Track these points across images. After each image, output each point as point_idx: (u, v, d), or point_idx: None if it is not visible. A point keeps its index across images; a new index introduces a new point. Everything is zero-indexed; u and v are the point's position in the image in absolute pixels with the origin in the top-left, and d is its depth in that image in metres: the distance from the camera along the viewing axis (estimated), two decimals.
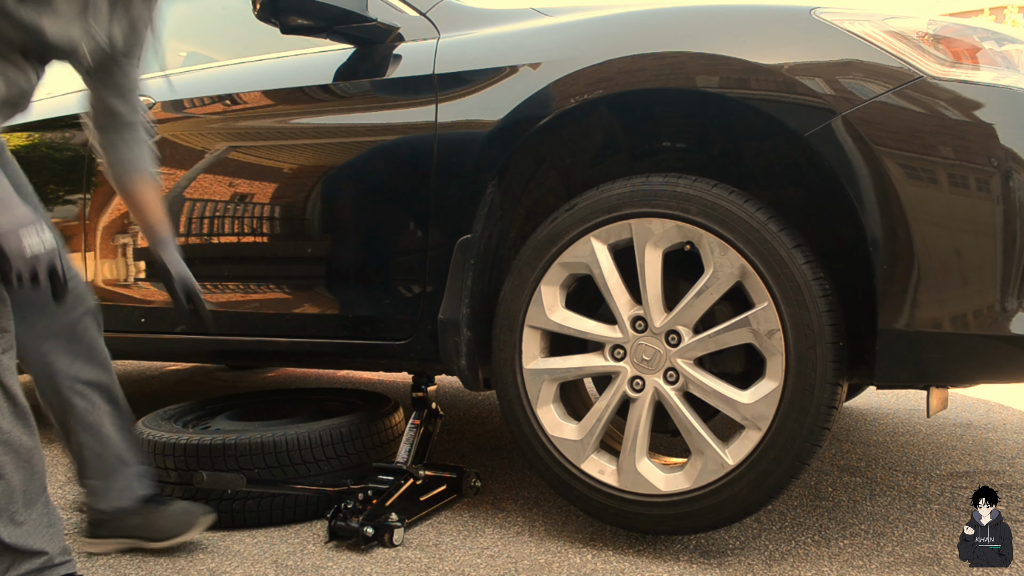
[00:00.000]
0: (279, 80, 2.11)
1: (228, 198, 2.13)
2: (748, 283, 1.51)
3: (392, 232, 1.89)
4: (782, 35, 1.49)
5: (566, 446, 1.67)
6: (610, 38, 1.62)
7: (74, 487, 1.85)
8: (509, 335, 1.71)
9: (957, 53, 1.42)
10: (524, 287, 1.69)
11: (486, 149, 1.73)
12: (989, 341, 1.36)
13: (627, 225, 1.60)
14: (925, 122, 1.38)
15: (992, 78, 1.39)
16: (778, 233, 1.48)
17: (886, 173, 1.38)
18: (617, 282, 1.63)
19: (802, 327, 1.45)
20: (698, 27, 1.56)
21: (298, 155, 2.04)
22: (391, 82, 1.89)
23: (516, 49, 1.75)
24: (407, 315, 1.86)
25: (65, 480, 2.22)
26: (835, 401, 1.47)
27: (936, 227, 1.37)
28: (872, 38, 1.43)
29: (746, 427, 1.52)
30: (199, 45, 2.84)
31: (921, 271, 1.37)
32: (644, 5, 1.71)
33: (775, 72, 1.45)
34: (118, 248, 2.40)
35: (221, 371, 4.45)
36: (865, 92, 1.41)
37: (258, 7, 1.80)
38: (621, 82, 1.58)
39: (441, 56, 1.83)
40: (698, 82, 1.51)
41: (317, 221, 2.02)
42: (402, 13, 1.97)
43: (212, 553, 1.70)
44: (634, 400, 1.62)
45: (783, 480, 1.50)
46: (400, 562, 1.62)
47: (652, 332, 1.60)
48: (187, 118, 2.27)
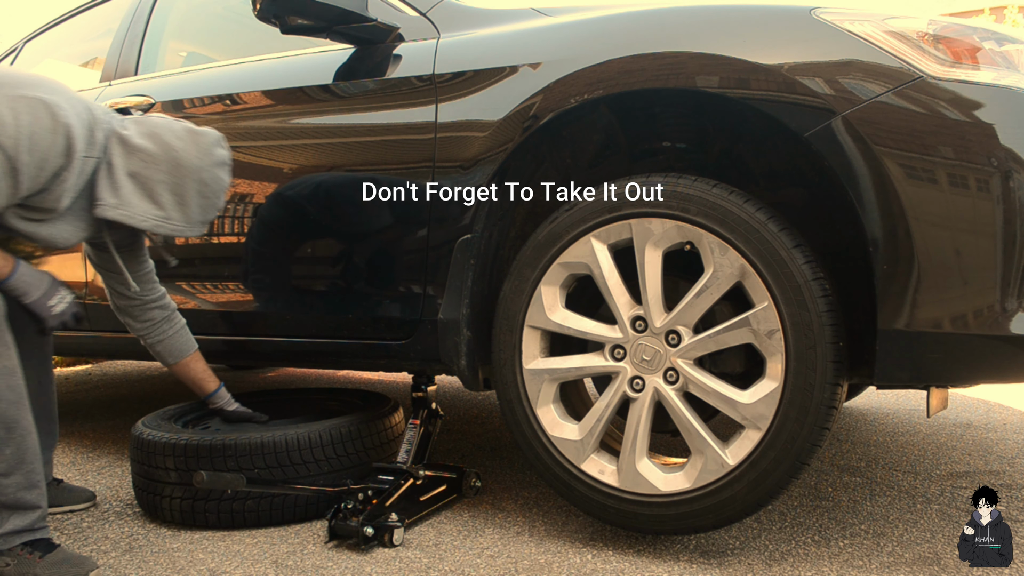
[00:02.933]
0: (279, 80, 2.11)
1: (228, 198, 2.13)
2: (748, 283, 1.51)
3: (392, 232, 1.88)
4: (782, 35, 1.49)
5: (566, 446, 1.67)
6: (610, 38, 1.62)
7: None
8: (509, 335, 1.71)
9: (957, 53, 1.42)
10: (524, 287, 1.69)
11: (486, 149, 1.73)
12: (989, 341, 1.36)
13: (627, 225, 1.60)
14: (925, 122, 1.38)
15: (992, 78, 1.39)
16: (778, 233, 1.47)
17: (886, 173, 1.38)
18: (617, 282, 1.63)
19: (802, 327, 1.45)
20: (698, 27, 1.56)
21: (298, 155, 2.04)
22: (391, 82, 1.89)
23: (516, 49, 1.75)
24: (407, 315, 1.86)
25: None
26: (835, 401, 1.47)
27: (936, 227, 1.37)
28: (872, 38, 1.43)
29: (746, 427, 1.52)
30: (199, 45, 2.84)
31: (921, 271, 1.37)
32: (644, 5, 1.71)
33: (775, 72, 1.45)
34: None
35: (221, 371, 4.45)
36: (865, 92, 1.40)
37: (258, 7, 1.81)
38: (621, 82, 1.57)
39: (441, 56, 1.84)
40: (698, 82, 1.51)
41: (317, 221, 2.02)
42: (402, 13, 1.97)
43: (212, 553, 1.70)
44: (634, 400, 1.62)
45: (783, 480, 1.50)
46: (400, 562, 1.62)
47: (652, 332, 1.60)
48: (187, 118, 2.27)
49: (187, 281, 2.27)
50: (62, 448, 2.65)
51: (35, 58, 3.19)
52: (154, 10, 2.67)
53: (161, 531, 1.85)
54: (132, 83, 2.54)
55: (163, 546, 1.75)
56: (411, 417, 1.99)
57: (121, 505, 2.05)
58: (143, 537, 1.81)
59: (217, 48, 2.73)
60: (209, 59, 2.57)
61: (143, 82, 2.51)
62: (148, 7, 2.68)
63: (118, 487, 2.20)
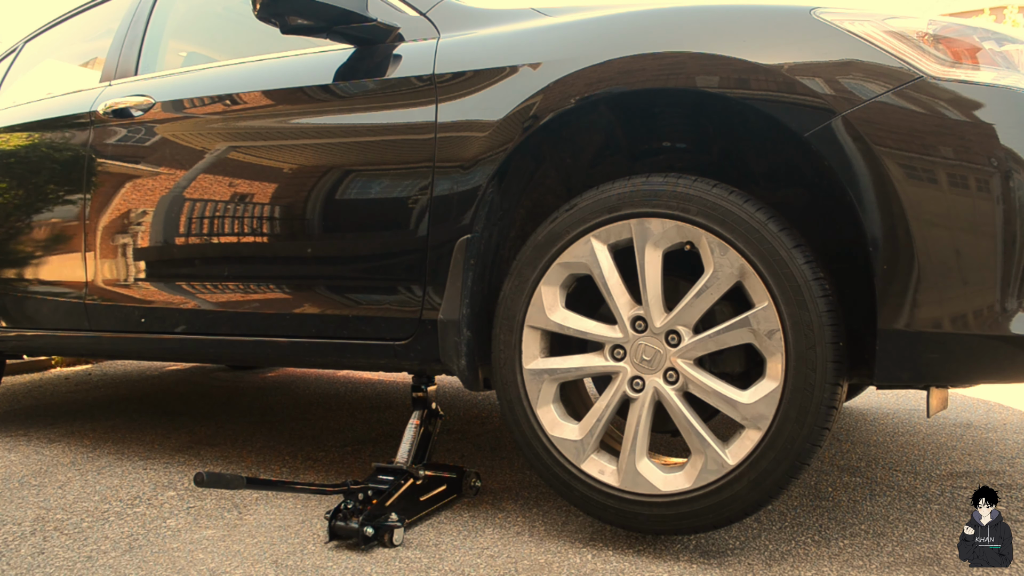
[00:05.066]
0: (279, 80, 2.11)
1: (228, 198, 2.13)
2: (748, 283, 1.51)
3: (392, 232, 1.88)
4: (782, 35, 1.49)
5: (566, 446, 1.67)
6: (610, 38, 1.62)
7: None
8: (509, 335, 1.71)
9: (957, 53, 1.42)
10: (524, 287, 1.69)
11: (486, 149, 1.72)
12: (989, 341, 1.36)
13: (627, 225, 1.60)
14: (925, 122, 1.38)
15: (992, 78, 1.39)
16: (778, 233, 1.47)
17: (886, 173, 1.38)
18: (617, 282, 1.63)
19: (802, 327, 1.45)
20: (698, 27, 1.56)
21: (298, 155, 2.04)
22: (391, 82, 1.89)
23: (516, 49, 1.75)
24: (407, 315, 1.86)
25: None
26: (835, 401, 1.47)
27: (936, 227, 1.37)
28: (872, 38, 1.43)
29: (746, 427, 1.52)
30: (199, 45, 2.84)
31: (921, 271, 1.37)
32: (644, 5, 1.71)
33: (775, 72, 1.46)
34: (118, 248, 2.40)
35: (221, 371, 4.45)
36: (865, 92, 1.40)
37: (258, 7, 1.80)
38: (621, 82, 1.57)
39: (441, 56, 1.84)
40: (698, 82, 1.51)
41: (317, 221, 2.02)
42: (402, 13, 1.97)
43: (212, 553, 1.70)
44: (634, 400, 1.62)
45: (783, 480, 1.50)
46: (400, 562, 1.62)
47: (652, 332, 1.60)
48: (187, 118, 2.27)
49: (187, 281, 2.27)
50: (62, 448, 2.65)
51: (35, 58, 3.19)
52: (154, 10, 2.67)
53: (161, 531, 1.85)
54: (132, 83, 2.54)
55: (163, 546, 1.75)
56: (411, 417, 1.98)
57: (121, 505, 2.05)
58: (143, 537, 1.81)
59: (217, 48, 2.73)
60: (209, 59, 2.57)
61: (143, 82, 2.51)
62: (148, 7, 2.68)
63: (118, 487, 2.20)
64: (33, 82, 3.16)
